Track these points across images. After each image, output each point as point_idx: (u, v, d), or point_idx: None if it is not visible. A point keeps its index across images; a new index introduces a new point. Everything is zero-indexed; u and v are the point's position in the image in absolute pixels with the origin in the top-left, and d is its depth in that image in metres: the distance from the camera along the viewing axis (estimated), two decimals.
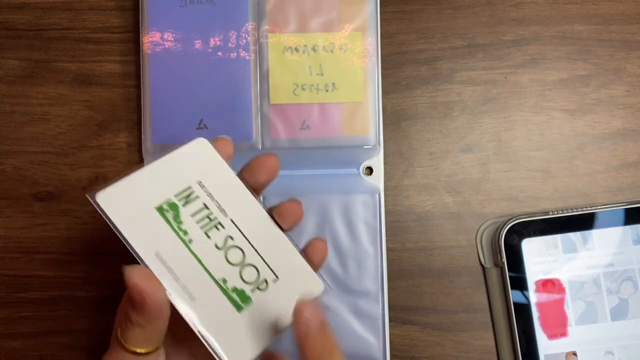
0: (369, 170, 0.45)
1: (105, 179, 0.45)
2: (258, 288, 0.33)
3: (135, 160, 0.45)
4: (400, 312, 0.45)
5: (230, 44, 0.44)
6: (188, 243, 0.32)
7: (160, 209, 0.32)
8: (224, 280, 0.32)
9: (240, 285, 0.33)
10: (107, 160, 0.45)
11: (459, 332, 0.44)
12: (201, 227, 0.33)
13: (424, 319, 0.45)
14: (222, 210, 0.33)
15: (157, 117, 0.44)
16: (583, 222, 0.44)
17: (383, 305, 0.43)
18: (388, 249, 0.44)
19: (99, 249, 0.45)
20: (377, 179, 0.45)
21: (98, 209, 0.31)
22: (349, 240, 0.43)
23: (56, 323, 0.45)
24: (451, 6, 0.46)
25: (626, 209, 0.44)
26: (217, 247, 0.33)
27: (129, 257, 0.44)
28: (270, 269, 0.33)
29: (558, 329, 0.43)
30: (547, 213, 0.44)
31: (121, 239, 0.31)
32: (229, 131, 0.43)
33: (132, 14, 0.46)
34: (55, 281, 0.45)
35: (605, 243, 0.43)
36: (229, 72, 0.43)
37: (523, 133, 0.46)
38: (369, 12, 0.44)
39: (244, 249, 0.33)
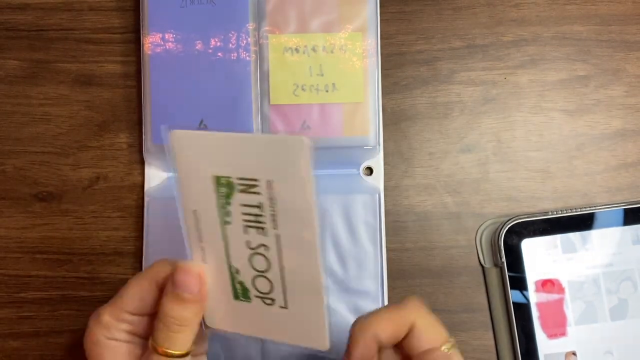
0: (369, 171, 0.45)
1: (105, 179, 0.45)
2: (263, 301, 0.32)
3: (136, 160, 0.45)
4: None
5: (230, 45, 0.44)
6: (223, 223, 0.30)
7: (217, 179, 0.29)
8: (237, 270, 0.31)
9: (249, 285, 0.31)
10: (107, 161, 0.45)
11: (459, 332, 0.44)
12: (243, 220, 0.30)
13: None
14: (274, 221, 0.29)
15: (157, 117, 0.44)
16: (582, 222, 0.44)
17: (383, 305, 0.43)
18: (388, 249, 0.45)
19: (100, 249, 0.45)
20: (377, 179, 0.45)
21: (167, 145, 0.30)
22: (349, 240, 0.43)
23: (57, 323, 0.45)
24: (451, 7, 0.46)
25: (625, 209, 0.44)
26: (248, 245, 0.30)
27: (128, 259, 0.45)
28: (284, 297, 0.31)
29: (557, 328, 0.43)
30: (546, 213, 0.44)
31: (175, 180, 0.30)
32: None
33: (132, 14, 0.46)
34: (55, 281, 0.45)
35: (604, 243, 0.43)
36: (229, 73, 0.44)
37: (522, 133, 0.46)
38: (369, 12, 0.44)
39: (271, 265, 0.30)
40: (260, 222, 0.29)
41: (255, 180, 0.28)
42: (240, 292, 0.32)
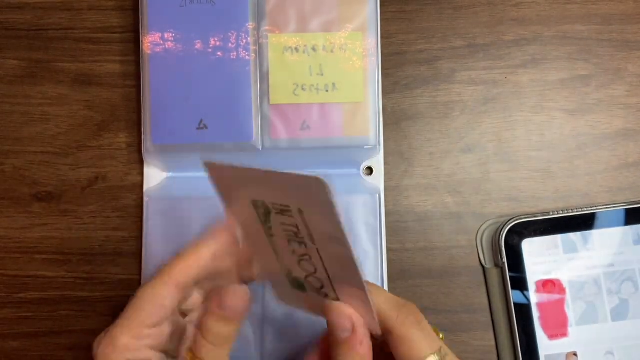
0: (369, 171, 0.45)
1: (104, 179, 0.45)
2: (318, 293, 0.33)
3: (135, 160, 0.45)
4: None
5: (230, 44, 0.43)
6: (269, 235, 0.32)
7: (255, 202, 0.31)
8: (289, 272, 0.33)
9: (303, 282, 0.33)
10: (107, 161, 0.45)
11: (459, 332, 0.44)
12: (286, 234, 0.31)
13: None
14: (311, 239, 0.31)
15: (157, 117, 0.44)
16: (583, 222, 0.43)
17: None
18: (388, 249, 0.44)
19: (99, 249, 0.45)
20: (377, 179, 0.45)
21: (208, 173, 0.31)
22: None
23: (56, 323, 0.45)
24: (451, 6, 0.46)
25: (627, 209, 0.44)
26: (293, 253, 0.32)
27: (128, 259, 0.45)
28: (335, 294, 0.33)
29: (558, 329, 0.43)
30: (547, 213, 0.44)
31: (220, 200, 0.32)
32: (229, 131, 0.43)
33: (132, 14, 0.46)
34: (55, 281, 0.45)
35: (605, 243, 0.43)
36: (229, 73, 0.43)
37: (523, 133, 0.46)
38: (369, 12, 0.44)
39: (317, 269, 0.32)
40: (299, 237, 0.31)
41: (287, 206, 0.30)
42: (297, 286, 0.34)
